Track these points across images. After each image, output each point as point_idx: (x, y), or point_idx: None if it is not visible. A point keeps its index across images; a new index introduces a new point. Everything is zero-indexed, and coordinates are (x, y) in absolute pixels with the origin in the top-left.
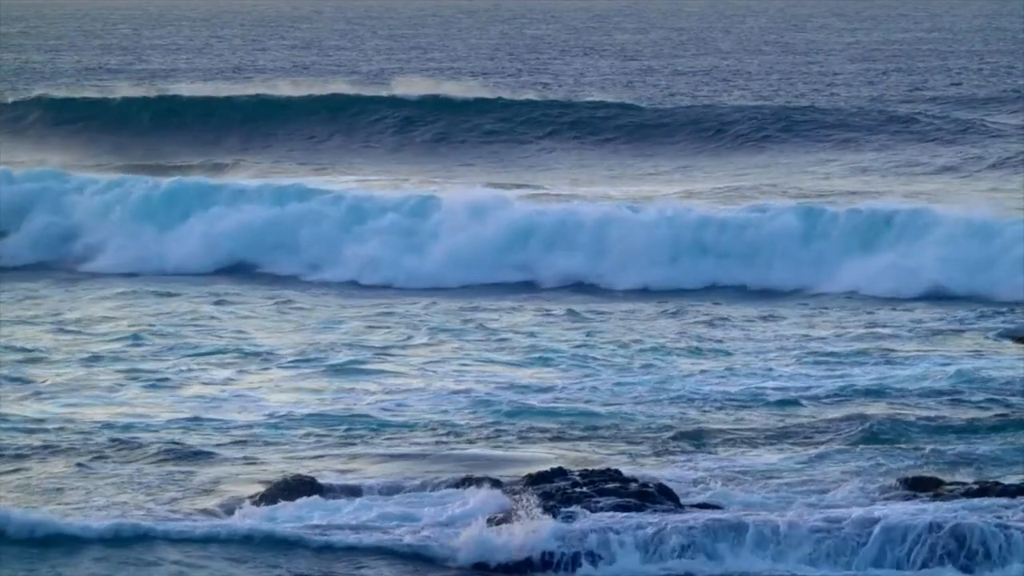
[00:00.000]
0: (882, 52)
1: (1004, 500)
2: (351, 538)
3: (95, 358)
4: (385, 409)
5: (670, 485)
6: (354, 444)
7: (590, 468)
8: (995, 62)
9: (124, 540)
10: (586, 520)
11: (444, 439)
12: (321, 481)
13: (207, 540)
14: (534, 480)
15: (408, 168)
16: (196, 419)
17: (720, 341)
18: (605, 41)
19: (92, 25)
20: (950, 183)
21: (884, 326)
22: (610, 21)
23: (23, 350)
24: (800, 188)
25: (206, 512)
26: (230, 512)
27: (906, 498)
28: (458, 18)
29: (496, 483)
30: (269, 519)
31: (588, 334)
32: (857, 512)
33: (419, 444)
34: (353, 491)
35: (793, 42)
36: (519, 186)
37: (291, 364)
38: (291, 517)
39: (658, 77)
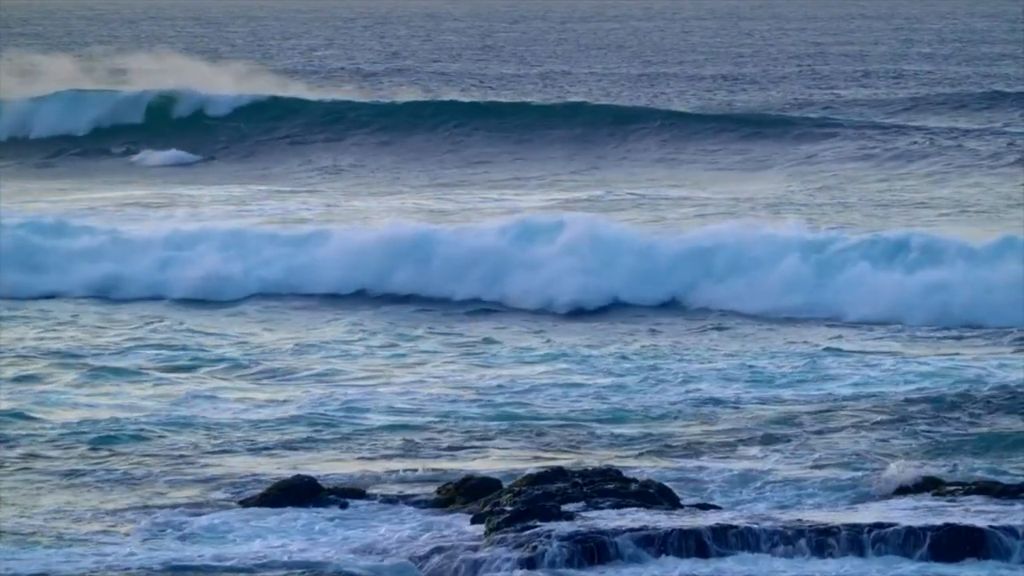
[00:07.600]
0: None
1: (1004, 500)
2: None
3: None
4: (381, 412)
5: (669, 485)
6: (350, 447)
7: (590, 468)
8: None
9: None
10: (585, 521)
11: (442, 440)
12: (322, 483)
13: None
14: (534, 481)
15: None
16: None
17: (717, 345)
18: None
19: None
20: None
21: (878, 330)
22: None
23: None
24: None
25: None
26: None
27: (906, 498)
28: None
29: (495, 484)
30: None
31: (588, 338)
32: (857, 512)
33: (416, 445)
34: (351, 495)
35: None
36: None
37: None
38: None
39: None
